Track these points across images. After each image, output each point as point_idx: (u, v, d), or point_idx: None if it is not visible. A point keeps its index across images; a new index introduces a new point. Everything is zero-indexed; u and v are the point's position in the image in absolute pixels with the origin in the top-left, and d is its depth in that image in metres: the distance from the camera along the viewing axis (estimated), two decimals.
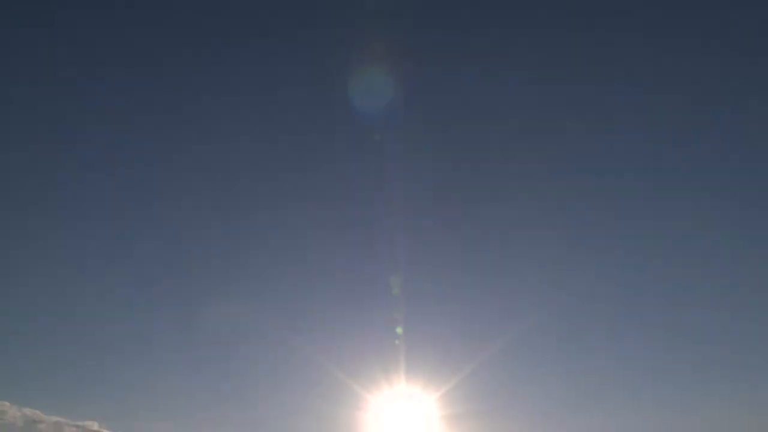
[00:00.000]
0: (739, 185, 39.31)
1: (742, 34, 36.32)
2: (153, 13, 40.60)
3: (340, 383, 34.60)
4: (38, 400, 36.01)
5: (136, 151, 41.53)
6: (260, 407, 43.20)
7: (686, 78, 40.19)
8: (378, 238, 43.12)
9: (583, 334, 44.07)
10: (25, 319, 39.88)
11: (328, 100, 40.95)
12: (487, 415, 38.04)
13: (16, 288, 39.81)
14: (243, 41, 41.34)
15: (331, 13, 39.99)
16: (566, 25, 40.47)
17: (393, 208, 39.48)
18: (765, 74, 37.42)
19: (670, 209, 45.68)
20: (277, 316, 43.95)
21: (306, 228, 44.93)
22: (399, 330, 32.57)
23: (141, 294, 45.83)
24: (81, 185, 44.18)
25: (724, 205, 42.00)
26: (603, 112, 40.53)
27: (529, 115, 43.77)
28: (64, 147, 40.94)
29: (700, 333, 42.90)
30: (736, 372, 40.52)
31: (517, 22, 42.27)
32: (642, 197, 45.47)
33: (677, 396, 40.42)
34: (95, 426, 38.18)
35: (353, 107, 35.77)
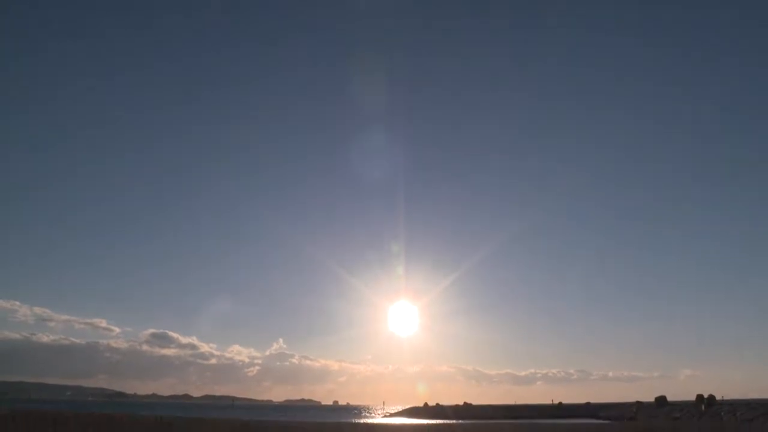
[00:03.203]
0: None
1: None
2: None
3: (343, 280, 37.65)
4: (48, 299, 37.97)
5: None
6: (267, 304, 46.85)
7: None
8: (379, 150, 47.16)
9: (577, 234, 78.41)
10: (35, 222, 42.17)
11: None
12: (483, 310, 40.16)
13: (24, 189, 41.99)
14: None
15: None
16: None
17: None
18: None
19: (672, 104, 47.35)
20: (279, 213, 47.72)
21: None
22: (396, 250, 34.92)
23: (148, 198, 49.09)
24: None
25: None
26: None
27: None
28: None
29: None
30: (736, 264, 72.20)
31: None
32: (639, 96, 45.62)
33: (663, 290, 78.17)
34: (104, 323, 39.86)
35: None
